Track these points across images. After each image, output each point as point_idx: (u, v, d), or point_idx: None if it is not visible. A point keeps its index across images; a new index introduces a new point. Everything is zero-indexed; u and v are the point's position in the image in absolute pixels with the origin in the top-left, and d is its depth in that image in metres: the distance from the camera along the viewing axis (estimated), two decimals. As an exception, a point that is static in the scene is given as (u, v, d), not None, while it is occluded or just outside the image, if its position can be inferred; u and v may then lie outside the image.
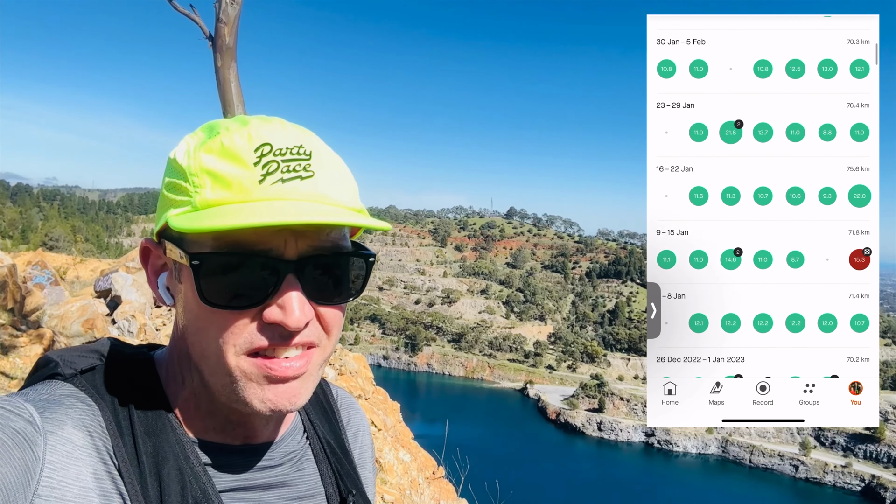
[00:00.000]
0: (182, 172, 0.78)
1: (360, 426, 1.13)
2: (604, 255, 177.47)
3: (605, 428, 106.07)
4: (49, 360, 0.83)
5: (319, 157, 0.79)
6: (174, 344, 0.87)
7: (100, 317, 9.02)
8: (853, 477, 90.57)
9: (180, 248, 0.77)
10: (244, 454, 0.86)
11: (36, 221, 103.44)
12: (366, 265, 0.85)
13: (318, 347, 0.80)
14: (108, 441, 0.76)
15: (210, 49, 4.61)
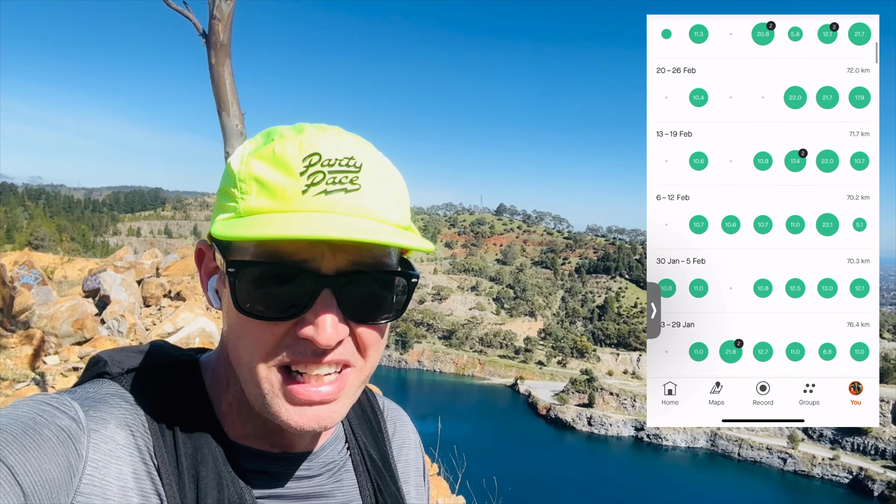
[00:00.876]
0: (233, 178, 0.77)
1: (407, 440, 1.09)
2: (593, 251, 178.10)
3: (595, 423, 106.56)
4: (99, 360, 0.85)
5: (369, 171, 0.77)
6: (221, 347, 0.86)
7: (89, 317, 8.94)
8: (841, 469, 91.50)
9: (224, 254, 0.76)
10: (283, 462, 0.85)
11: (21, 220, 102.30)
12: (408, 285, 0.82)
13: (353, 368, 0.78)
14: (149, 441, 0.76)
15: (204, 46, 4.56)
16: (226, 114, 4.47)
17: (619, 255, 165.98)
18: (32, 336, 6.82)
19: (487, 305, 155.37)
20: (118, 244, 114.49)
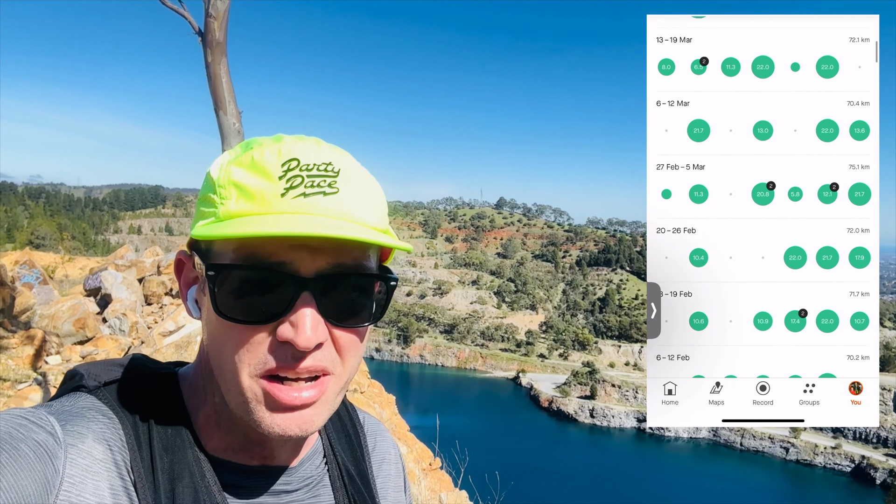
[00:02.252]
0: (212, 185, 0.78)
1: (387, 455, 1.09)
2: (593, 244, 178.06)
3: (597, 414, 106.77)
4: (75, 373, 0.84)
5: (347, 175, 0.78)
6: (199, 359, 0.87)
7: (91, 316, 8.94)
8: (843, 458, 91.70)
9: (203, 260, 0.77)
10: (261, 476, 0.85)
11: (21, 220, 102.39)
12: (387, 288, 0.82)
13: (332, 375, 0.78)
14: (126, 455, 0.75)
15: (200, 44, 4.55)
16: (223, 112, 4.46)
17: (619, 247, 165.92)
18: (34, 336, 6.83)
19: (489, 299, 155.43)
20: (119, 242, 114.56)
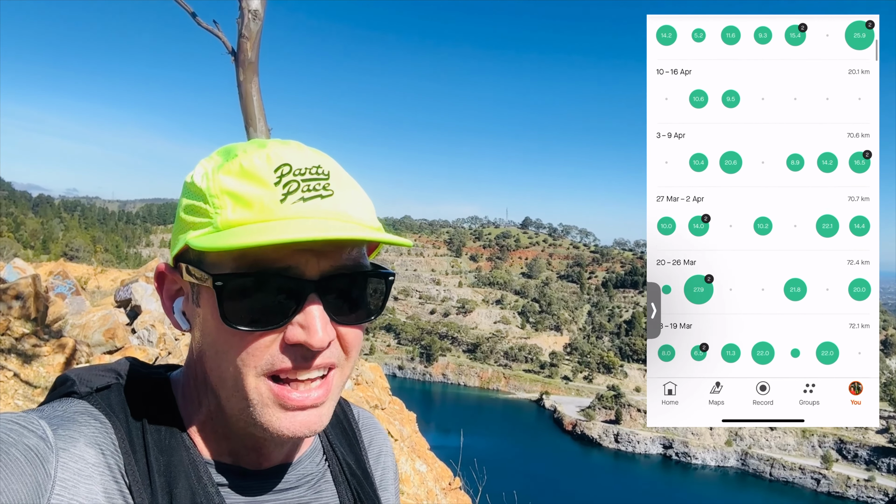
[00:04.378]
0: (201, 195, 0.77)
1: (383, 448, 1.12)
2: (620, 265, 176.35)
3: (622, 440, 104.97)
4: (66, 379, 0.84)
5: (337, 177, 0.79)
6: (189, 368, 0.86)
7: (120, 326, 9.13)
8: (876, 491, 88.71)
9: (201, 270, 0.76)
10: (259, 477, 0.86)
11: (57, 232, 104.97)
12: (385, 284, 0.84)
13: (337, 368, 0.80)
14: (120, 459, 0.75)
15: (232, 63, 4.68)
16: (253, 129, 4.56)
17: (646, 269, 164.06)
18: (65, 345, 7.00)
19: (512, 319, 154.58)
20: (150, 255, 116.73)
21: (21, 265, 11.13)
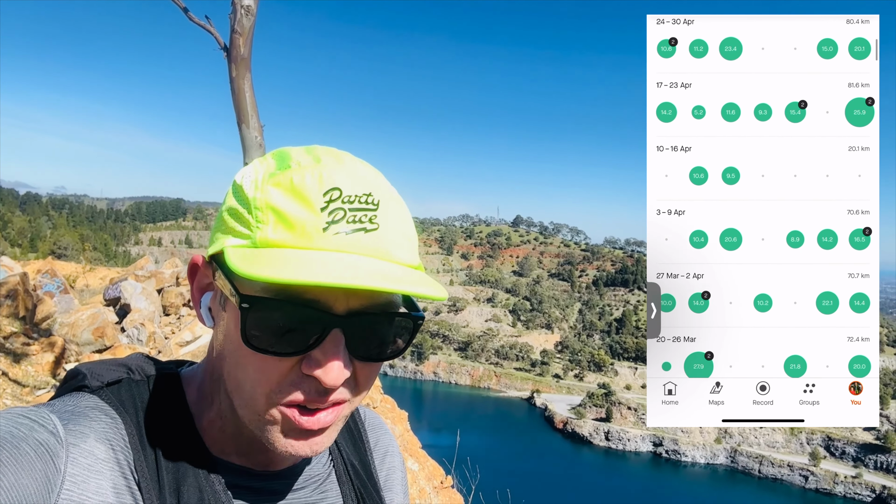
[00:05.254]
0: (247, 202, 0.76)
1: (389, 448, 1.11)
2: (610, 264, 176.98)
3: (612, 437, 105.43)
4: (77, 373, 0.84)
5: (386, 208, 0.76)
6: (208, 364, 0.86)
7: (110, 325, 9.05)
8: (864, 488, 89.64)
9: (231, 284, 0.75)
10: (266, 477, 0.86)
11: (45, 230, 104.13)
12: (413, 326, 0.81)
13: (348, 402, 0.79)
14: (129, 455, 0.75)
15: (225, 59, 4.64)
16: (245, 126, 4.52)
17: (637, 267, 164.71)
18: (54, 343, 6.93)
19: (504, 317, 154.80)
20: (139, 254, 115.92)
21: (8, 263, 10.99)
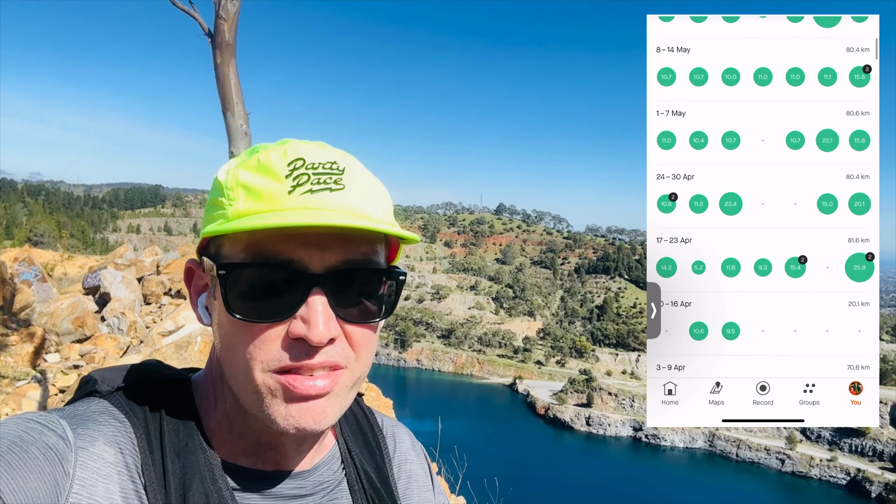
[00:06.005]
0: (220, 188, 0.79)
1: (408, 456, 1.10)
2: (592, 251, 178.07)
3: (593, 423, 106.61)
4: (89, 379, 0.85)
5: (352, 174, 0.78)
6: (210, 366, 0.88)
7: (90, 314, 8.93)
8: (839, 471, 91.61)
9: (213, 261, 0.77)
10: (274, 481, 0.85)
11: (20, 217, 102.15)
12: (396, 284, 0.83)
13: (346, 369, 0.78)
14: (138, 459, 0.76)
15: (209, 46, 4.55)
16: (230, 113, 4.45)
17: (618, 255, 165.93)
18: (34, 334, 6.81)
19: (486, 305, 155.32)
20: (118, 241, 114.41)
21: (-16, 252, 10.77)
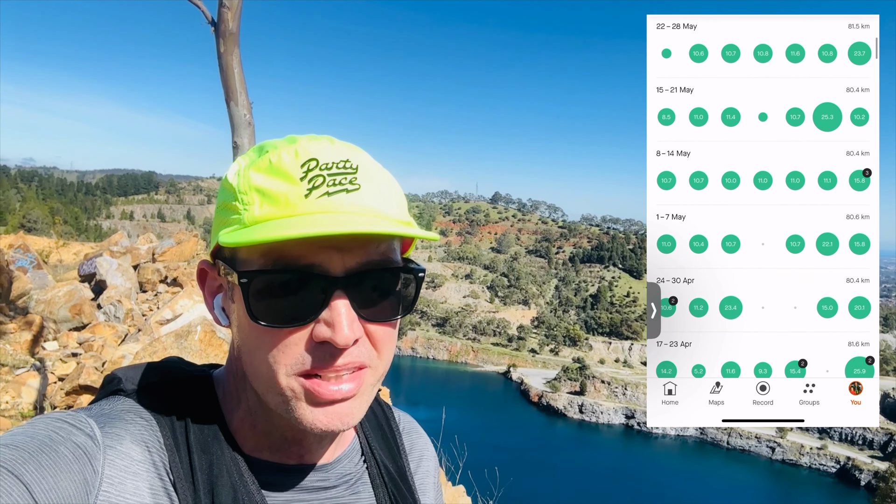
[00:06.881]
0: (233, 192, 0.78)
1: (425, 452, 1.11)
2: (587, 241, 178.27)
3: (586, 410, 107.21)
4: (113, 378, 0.86)
5: (366, 171, 0.78)
6: (230, 364, 0.88)
7: (86, 302, 8.91)
8: (829, 459, 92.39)
9: (231, 268, 0.77)
10: (299, 474, 0.86)
11: (14, 203, 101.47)
12: (416, 280, 0.83)
13: (369, 368, 0.79)
14: (164, 456, 0.77)
15: (212, 34, 4.51)
16: (234, 103, 4.42)
17: (613, 244, 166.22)
18: (32, 322, 6.80)
19: (481, 293, 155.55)
20: (111, 228, 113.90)
21: (-21, 239, 10.72)
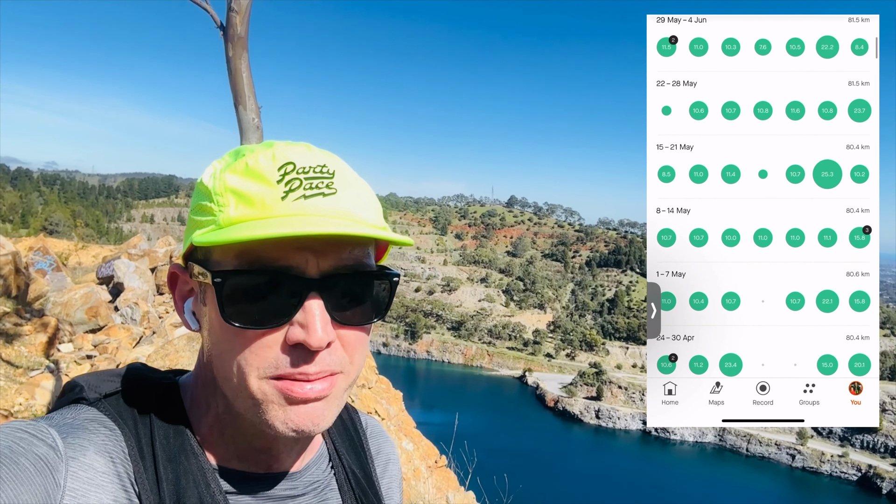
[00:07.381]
0: (208, 194, 0.78)
1: (391, 457, 1.11)
2: (604, 244, 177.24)
3: (602, 416, 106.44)
4: (75, 385, 0.84)
5: (343, 176, 0.79)
6: (199, 370, 0.87)
7: (103, 304, 9.00)
8: (850, 467, 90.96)
9: (205, 268, 0.76)
10: (267, 483, 0.85)
11: (36, 206, 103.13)
12: (390, 285, 0.83)
13: (342, 374, 0.78)
14: (129, 467, 0.75)
15: (220, 38, 4.54)
16: (242, 107, 4.44)
17: (630, 248, 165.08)
18: (47, 324, 6.88)
19: (497, 297, 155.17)
20: (132, 231, 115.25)
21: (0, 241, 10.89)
